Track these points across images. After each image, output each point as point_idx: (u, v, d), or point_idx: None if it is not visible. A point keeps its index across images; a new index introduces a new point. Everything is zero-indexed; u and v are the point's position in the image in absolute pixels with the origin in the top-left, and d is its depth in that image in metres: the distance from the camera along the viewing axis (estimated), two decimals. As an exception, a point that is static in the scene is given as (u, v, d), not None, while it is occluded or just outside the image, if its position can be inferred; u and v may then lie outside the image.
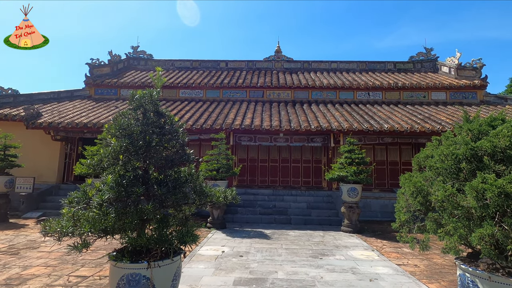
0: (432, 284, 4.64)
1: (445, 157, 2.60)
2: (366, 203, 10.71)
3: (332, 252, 6.37)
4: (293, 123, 10.94)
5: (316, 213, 10.10)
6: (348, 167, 8.70)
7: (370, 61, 16.89)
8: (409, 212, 3.05)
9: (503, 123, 2.67)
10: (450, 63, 15.26)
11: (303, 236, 7.96)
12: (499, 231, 2.23)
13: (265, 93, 14.47)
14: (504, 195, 2.16)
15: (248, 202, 10.73)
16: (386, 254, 6.32)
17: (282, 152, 12.89)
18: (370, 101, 13.94)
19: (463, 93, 13.90)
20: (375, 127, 10.40)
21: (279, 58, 17.21)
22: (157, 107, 3.06)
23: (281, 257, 5.89)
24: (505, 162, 2.38)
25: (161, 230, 2.70)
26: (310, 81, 14.66)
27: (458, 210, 2.46)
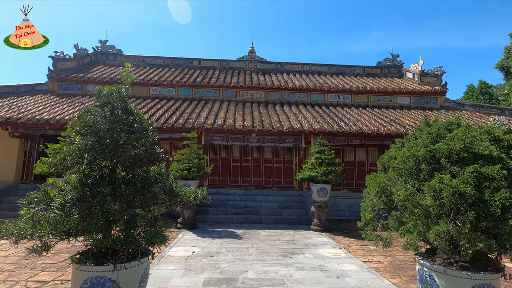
0: (394, 279, 4.90)
1: (406, 159, 2.77)
2: (335, 202, 11.06)
3: (301, 251, 6.51)
4: (266, 123, 11.04)
5: (287, 213, 10.26)
6: (318, 167, 8.94)
7: (341, 65, 17.47)
8: (373, 211, 3.20)
9: (458, 127, 2.89)
10: (414, 70, 16.20)
11: (274, 235, 8.05)
12: (453, 228, 2.41)
13: (238, 93, 14.47)
14: (458, 194, 2.33)
15: (219, 202, 10.66)
16: (352, 252, 6.58)
17: (254, 152, 12.95)
18: (340, 103, 14.43)
19: (425, 98, 14.82)
20: (344, 129, 10.78)
21: (253, 58, 17.28)
22: (125, 104, 2.95)
23: (252, 257, 5.92)
24: (460, 163, 2.58)
25: (128, 231, 2.61)
26: (282, 82, 14.87)
27: (417, 208, 2.62)
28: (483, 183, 2.31)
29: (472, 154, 2.50)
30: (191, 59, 17.20)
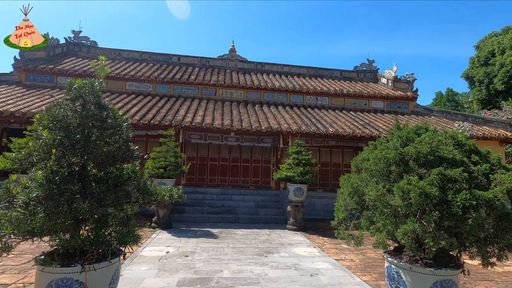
0: (365, 276, 5.08)
1: (378, 161, 2.87)
2: (310, 202, 11.27)
3: (277, 250, 6.58)
4: (245, 123, 11.04)
5: (264, 212, 10.33)
6: (295, 167, 9.06)
7: (319, 68, 17.81)
8: (346, 211, 3.30)
9: (426, 132, 3.04)
10: (388, 75, 16.84)
11: (250, 234, 8.08)
12: (419, 227, 2.54)
13: (218, 91, 14.36)
14: (424, 195, 2.46)
15: (196, 201, 10.54)
16: (326, 250, 6.73)
17: (232, 151, 12.91)
18: (318, 105, 14.71)
19: (397, 103, 15.44)
20: (322, 130, 11.01)
21: (233, 57, 17.22)
22: (99, 98, 2.84)
23: (228, 256, 5.90)
24: (426, 166, 2.72)
25: (99, 230, 2.52)
26: (262, 82, 14.93)
27: (387, 208, 2.73)
28: (446, 184, 2.45)
29: (437, 157, 2.64)
30: (170, 55, 16.85)
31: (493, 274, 5.57)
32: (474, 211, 2.34)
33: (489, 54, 20.01)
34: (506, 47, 18.43)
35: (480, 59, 20.61)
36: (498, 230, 2.50)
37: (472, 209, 2.33)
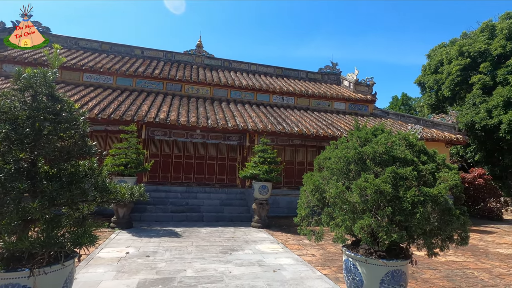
0: (324, 270, 5.30)
1: (338, 159, 3.02)
2: (275, 200, 11.47)
3: (241, 247, 6.62)
4: (211, 120, 10.92)
5: (229, 210, 10.32)
6: (260, 165, 9.17)
7: (286, 68, 18.14)
8: (309, 207, 3.42)
9: (382, 133, 3.25)
10: (350, 78, 17.64)
11: (214, 232, 8.03)
12: (374, 222, 2.71)
13: (184, 87, 14.02)
14: (379, 192, 2.63)
15: (159, 200, 10.23)
16: (289, 246, 6.91)
17: (198, 148, 12.71)
18: (284, 105, 14.99)
19: (358, 105, 16.25)
20: (287, 129, 11.24)
21: (200, 53, 16.91)
22: (52, 90, 2.64)
23: (191, 255, 5.82)
24: (382, 165, 2.91)
25: (51, 231, 2.35)
26: (230, 80, 14.86)
27: (346, 205, 2.88)
28: (398, 182, 2.65)
29: (391, 157, 2.84)
30: (132, 47, 16.09)
31: (437, 263, 6.11)
32: (422, 206, 2.56)
33: (438, 63, 21.81)
34: (452, 57, 20.22)
35: (431, 67, 22.40)
36: (442, 223, 2.76)
37: (420, 204, 2.54)
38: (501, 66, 17.72)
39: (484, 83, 18.08)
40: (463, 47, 19.62)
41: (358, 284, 3.03)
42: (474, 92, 18.41)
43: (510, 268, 6.04)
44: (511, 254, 7.24)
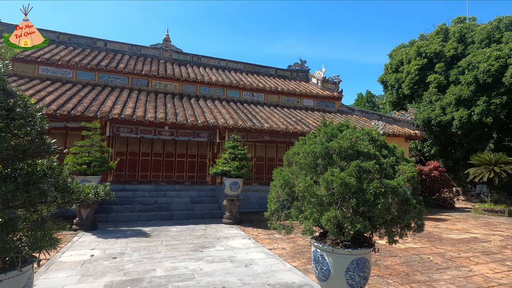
0: (295, 262, 5.46)
1: (307, 154, 3.12)
2: (246, 195, 11.54)
3: (212, 244, 6.61)
4: (180, 116, 10.69)
5: (200, 207, 10.22)
6: (231, 162, 9.17)
7: (256, 64, 18.20)
8: (278, 202, 3.50)
9: (347, 129, 3.40)
10: (318, 76, 18.12)
11: (185, 230, 7.92)
12: (340, 213, 2.85)
13: (151, 82, 13.56)
14: (344, 185, 2.76)
15: (125, 199, 9.86)
16: (260, 241, 7.01)
17: (167, 145, 12.40)
18: (254, 101, 15.06)
19: (325, 102, 16.77)
20: (257, 126, 11.32)
21: (168, 47, 16.42)
22: (4, 83, 2.44)
23: (161, 254, 5.71)
24: (347, 159, 3.05)
25: (5, 235, 2.19)
26: (199, 75, 14.62)
27: (314, 198, 2.99)
28: (362, 175, 2.80)
29: (356, 151, 2.99)
30: (94, 39, 15.22)
31: (397, 251, 6.54)
32: (383, 197, 2.73)
33: (399, 62, 23.07)
34: (411, 57, 21.50)
35: (392, 66, 23.64)
36: (401, 213, 2.96)
37: (381, 195, 2.71)
38: (453, 66, 19.14)
39: (439, 82, 19.44)
40: (421, 48, 20.91)
41: (325, 273, 3.16)
42: (430, 91, 19.73)
43: (460, 252, 6.62)
44: (461, 239, 7.94)
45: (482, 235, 8.57)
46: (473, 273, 5.17)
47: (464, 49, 19.15)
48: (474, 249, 6.86)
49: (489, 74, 16.47)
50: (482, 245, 7.28)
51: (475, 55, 17.65)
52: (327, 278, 3.16)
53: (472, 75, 17.20)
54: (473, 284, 4.64)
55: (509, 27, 18.10)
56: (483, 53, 17.25)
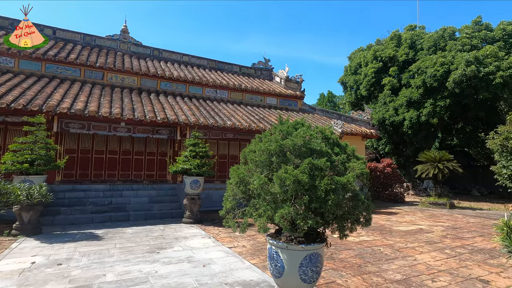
0: (254, 259, 5.47)
1: (262, 152, 3.11)
2: (208, 194, 11.37)
3: (170, 245, 6.39)
4: (138, 112, 10.19)
5: (159, 207, 9.85)
6: (192, 160, 8.95)
7: (220, 61, 17.97)
8: (234, 200, 3.45)
9: (302, 127, 3.45)
10: (281, 75, 18.38)
11: (142, 232, 7.58)
12: (293, 210, 2.88)
13: (106, 75, 12.75)
14: (297, 182, 2.80)
15: (76, 200, 9.19)
16: (220, 240, 6.94)
17: (123, 143, 11.78)
18: (217, 98, 14.86)
19: (288, 101, 17.07)
20: (220, 123, 11.18)
21: (126, 39, 15.56)
22: None
23: (113, 258, 5.39)
24: (301, 156, 3.09)
25: None
26: (159, 70, 14.06)
27: (268, 195, 2.99)
28: (314, 172, 2.85)
29: (309, 149, 3.04)
30: (41, 26, 13.89)
31: (352, 244, 6.86)
32: (334, 194, 2.81)
33: (357, 65, 24.24)
34: (368, 60, 22.70)
35: (351, 68, 24.79)
36: (351, 208, 3.08)
37: (332, 192, 2.78)
38: (405, 70, 20.56)
39: (392, 85, 20.76)
40: (377, 52, 22.16)
41: (280, 270, 3.19)
42: (384, 93, 21.01)
43: (407, 242, 7.13)
44: (409, 231, 8.55)
45: (427, 226, 9.30)
46: (417, 262, 5.59)
47: (415, 55, 20.63)
48: (420, 240, 7.42)
49: (435, 79, 17.95)
50: (426, 236, 7.90)
51: (423, 61, 19.11)
52: (281, 274, 3.19)
53: (421, 79, 18.61)
54: (417, 272, 5.00)
55: (452, 37, 19.87)
56: (430, 59, 18.73)
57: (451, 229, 8.86)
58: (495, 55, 16.87)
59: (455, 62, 17.33)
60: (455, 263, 5.56)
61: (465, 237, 7.80)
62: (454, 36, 19.97)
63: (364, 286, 4.34)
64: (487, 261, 5.75)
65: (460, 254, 6.17)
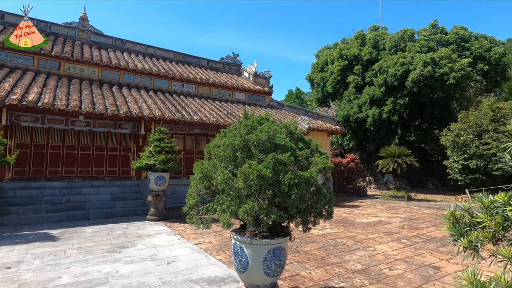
0: (220, 255, 5.44)
1: (226, 147, 3.07)
2: (174, 190, 11.10)
3: (133, 243, 6.16)
4: (98, 105, 9.63)
5: (121, 205, 9.44)
6: (157, 155, 8.67)
7: (187, 54, 17.49)
8: (198, 196, 3.39)
9: (267, 122, 3.46)
10: (249, 70, 18.34)
11: (103, 231, 7.23)
12: (257, 205, 2.88)
13: (63, 65, 11.87)
14: (261, 177, 2.80)
15: (29, 199, 8.52)
16: (186, 236, 6.81)
17: (82, 137, 11.09)
18: (184, 92, 14.49)
19: (257, 96, 17.10)
20: (186, 118, 10.92)
21: (85, 27, 14.58)
22: None
23: (70, 259, 5.08)
24: (265, 151, 3.10)
25: None
26: (122, 61, 13.37)
27: (232, 191, 2.97)
28: (278, 167, 2.88)
29: (273, 144, 3.05)
30: (-14, 9, 12.59)
31: (316, 237, 7.07)
32: (297, 188, 2.85)
33: (324, 62, 24.89)
34: (334, 59, 23.40)
35: (318, 66, 25.40)
36: (313, 202, 3.15)
37: (295, 186, 2.83)
38: (369, 69, 21.49)
39: (357, 83, 21.61)
40: (343, 51, 22.90)
41: (244, 265, 3.19)
42: (349, 90, 21.81)
43: (368, 234, 7.50)
44: (370, 222, 9.00)
45: (386, 218, 9.86)
46: (377, 252, 5.90)
47: (377, 55, 21.61)
48: (379, 231, 7.84)
49: (395, 78, 18.96)
50: (386, 227, 8.37)
51: (385, 61, 20.09)
52: (245, 269, 3.20)
53: (383, 78, 19.57)
54: (376, 262, 5.28)
55: (411, 38, 21.07)
56: (391, 59, 19.74)
57: (408, 220, 9.47)
58: (449, 57, 18.18)
59: (414, 63, 18.42)
60: (410, 252, 5.94)
61: (420, 227, 8.37)
62: (413, 38, 21.19)
63: (327, 277, 4.50)
64: (439, 249, 6.23)
65: (415, 243, 6.62)
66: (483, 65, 19.17)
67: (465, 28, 21.03)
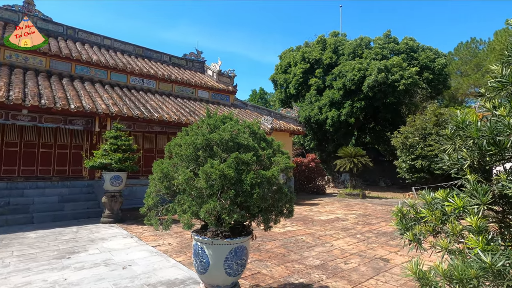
0: (180, 257, 5.29)
1: (188, 146, 2.98)
2: (132, 190, 10.58)
3: (84, 248, 5.75)
4: (46, 98, 8.82)
5: (72, 207, 8.76)
6: (112, 154, 8.18)
7: (148, 48, 16.75)
8: (158, 196, 3.25)
9: (230, 121, 3.42)
10: (213, 68, 18.10)
11: (49, 235, 6.64)
12: (219, 205, 2.84)
13: (3, 53, 10.68)
14: (223, 177, 2.76)
15: (-41, 202, 7.54)
16: (144, 239, 6.52)
17: (26, 133, 10.09)
18: (144, 88, 13.86)
19: (220, 95, 16.93)
20: (146, 114, 10.46)
21: (31, 12, 13.26)
22: None
23: (8, 268, 4.58)
24: (228, 151, 3.06)
25: None
26: (74, 52, 12.40)
27: (194, 191, 2.89)
28: (241, 166, 2.86)
29: (236, 143, 3.03)
30: None
31: (278, 235, 7.19)
32: (259, 187, 2.86)
33: (287, 64, 25.44)
34: (297, 61, 24.04)
35: (282, 67, 25.89)
36: (275, 201, 3.19)
37: (257, 186, 2.83)
38: (329, 73, 22.40)
39: (318, 85, 22.41)
40: (305, 54, 23.59)
41: (205, 265, 3.13)
42: (311, 92, 22.55)
43: (326, 230, 7.81)
44: (328, 219, 9.38)
45: (343, 215, 10.35)
46: (334, 248, 6.16)
47: (337, 59, 22.61)
48: (336, 227, 8.20)
49: (353, 82, 20.00)
50: (342, 223, 8.79)
51: (344, 66, 21.09)
52: (206, 270, 3.13)
53: (342, 82, 20.53)
54: (333, 257, 5.51)
55: (367, 46, 22.37)
56: (349, 64, 20.78)
57: (362, 217, 10.04)
58: (400, 65, 19.63)
59: (369, 69, 19.59)
60: (364, 246, 6.30)
61: (372, 223, 8.91)
62: (369, 45, 22.53)
63: (287, 274, 4.59)
64: (389, 242, 6.68)
65: (368, 238, 7.03)
66: (428, 74, 21.02)
67: (413, 39, 22.86)
